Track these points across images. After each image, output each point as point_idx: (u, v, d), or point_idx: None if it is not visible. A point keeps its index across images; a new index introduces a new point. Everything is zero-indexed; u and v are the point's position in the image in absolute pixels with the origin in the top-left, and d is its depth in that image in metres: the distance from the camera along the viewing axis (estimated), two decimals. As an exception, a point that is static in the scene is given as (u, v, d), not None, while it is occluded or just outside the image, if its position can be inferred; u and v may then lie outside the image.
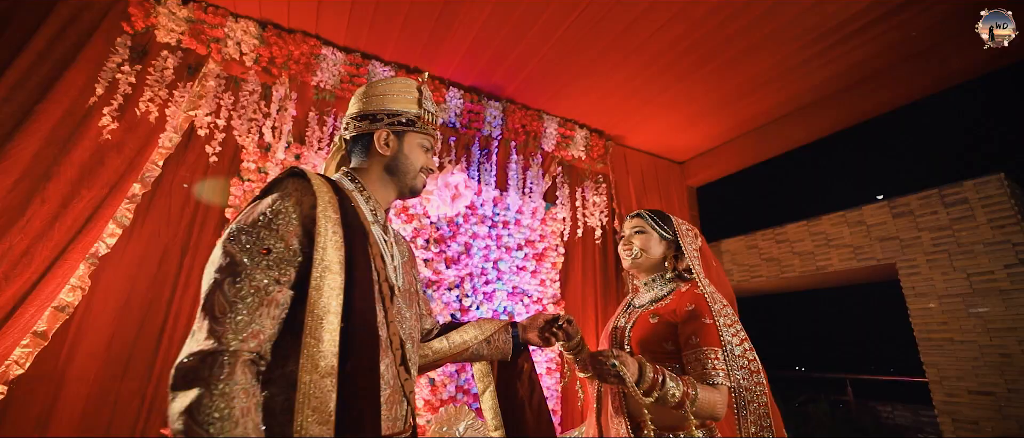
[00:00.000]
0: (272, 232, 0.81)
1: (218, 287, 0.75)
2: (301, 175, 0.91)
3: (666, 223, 1.44)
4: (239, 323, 0.73)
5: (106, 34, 2.30)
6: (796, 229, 4.29)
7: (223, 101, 2.50)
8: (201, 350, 0.70)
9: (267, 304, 0.77)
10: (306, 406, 0.74)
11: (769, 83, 3.23)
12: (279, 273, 0.80)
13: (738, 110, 3.58)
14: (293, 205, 0.85)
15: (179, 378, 0.69)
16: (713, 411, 1.11)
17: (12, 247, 1.89)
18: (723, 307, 1.29)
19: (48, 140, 2.07)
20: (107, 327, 2.12)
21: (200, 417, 0.65)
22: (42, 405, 1.95)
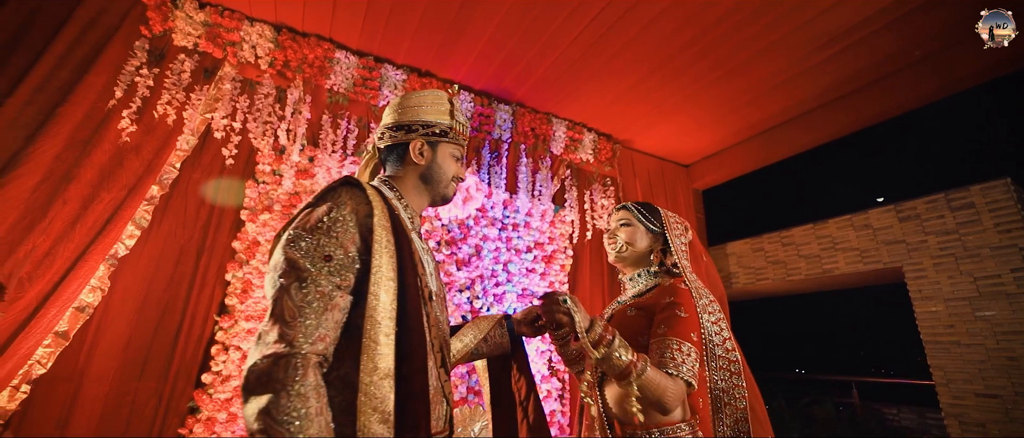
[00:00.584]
0: (332, 239, 0.84)
1: (285, 292, 0.79)
2: (356, 185, 0.94)
3: (654, 216, 1.37)
4: (308, 327, 0.76)
5: (125, 38, 2.32)
6: (802, 232, 4.31)
7: (239, 104, 2.53)
8: (274, 353, 0.73)
9: (331, 309, 0.80)
10: (367, 406, 0.78)
11: (775, 88, 3.25)
12: (340, 279, 0.83)
13: (744, 115, 3.61)
14: (350, 213, 0.88)
15: (254, 380, 0.72)
16: (660, 396, 1.03)
17: (35, 248, 1.92)
18: (709, 303, 1.24)
19: (69, 142, 2.10)
20: (125, 327, 2.15)
21: (280, 417, 0.68)
22: (62, 404, 1.97)
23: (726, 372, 1.19)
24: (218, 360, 2.25)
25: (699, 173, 4.42)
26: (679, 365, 1.08)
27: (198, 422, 2.16)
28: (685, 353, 1.10)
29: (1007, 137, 5.02)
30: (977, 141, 4.46)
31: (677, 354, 1.10)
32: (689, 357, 1.10)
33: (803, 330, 5.39)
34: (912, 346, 3.87)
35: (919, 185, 3.80)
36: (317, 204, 0.90)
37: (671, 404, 1.04)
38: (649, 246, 1.34)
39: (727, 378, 1.19)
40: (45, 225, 1.96)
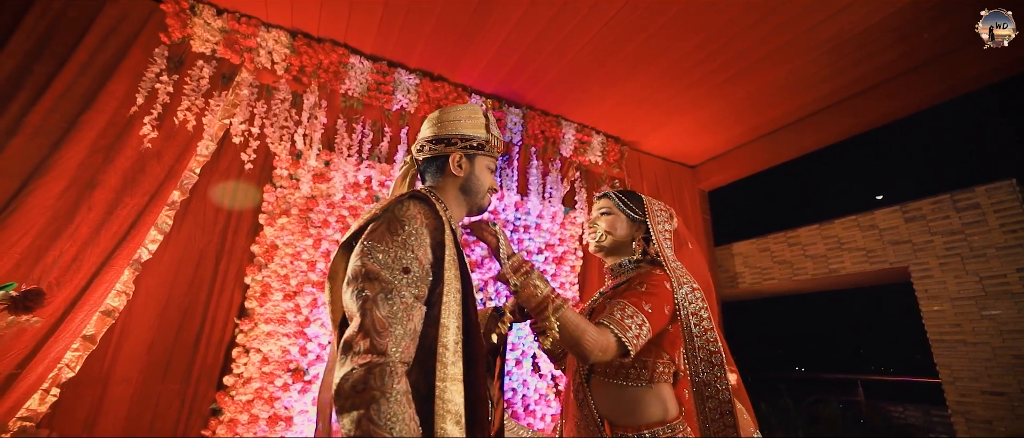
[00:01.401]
0: (408, 252, 0.89)
1: (372, 302, 0.83)
2: (424, 199, 0.99)
3: (636, 203, 1.33)
4: (397, 337, 0.81)
5: (145, 45, 2.35)
6: (808, 232, 4.35)
7: (256, 109, 2.56)
8: (368, 362, 0.78)
9: (411, 319, 0.85)
10: (443, 410, 0.83)
11: (781, 91, 3.29)
12: (417, 290, 0.88)
13: (750, 117, 3.64)
14: (421, 226, 0.93)
15: (349, 388, 0.76)
16: (579, 337, 1.01)
17: (62, 254, 1.95)
18: (691, 292, 1.19)
19: (92, 149, 2.13)
20: (148, 331, 2.18)
21: (381, 421, 0.73)
22: (89, 406, 2.00)
23: (707, 363, 1.15)
24: (239, 362, 2.28)
25: (705, 174, 4.45)
26: (615, 319, 1.07)
27: (221, 424, 2.19)
28: (628, 314, 1.09)
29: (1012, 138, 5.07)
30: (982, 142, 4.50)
31: (618, 312, 1.09)
32: (631, 319, 1.08)
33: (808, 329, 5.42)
34: (916, 345, 3.92)
35: (924, 186, 3.83)
36: (387, 218, 0.93)
37: (590, 350, 1.01)
38: (630, 234, 1.31)
39: (709, 370, 1.14)
40: (71, 231, 2.00)
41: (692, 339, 1.15)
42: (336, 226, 2.63)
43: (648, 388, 1.16)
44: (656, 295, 1.15)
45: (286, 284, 2.45)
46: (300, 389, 2.35)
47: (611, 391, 1.18)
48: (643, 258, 1.30)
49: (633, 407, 1.15)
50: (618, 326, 1.06)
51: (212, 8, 2.50)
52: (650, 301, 1.13)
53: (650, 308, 1.12)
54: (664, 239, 1.27)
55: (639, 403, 1.15)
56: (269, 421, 2.27)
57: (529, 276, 1.03)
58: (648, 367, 1.17)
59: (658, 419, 1.14)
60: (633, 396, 1.16)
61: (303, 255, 2.52)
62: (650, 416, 1.13)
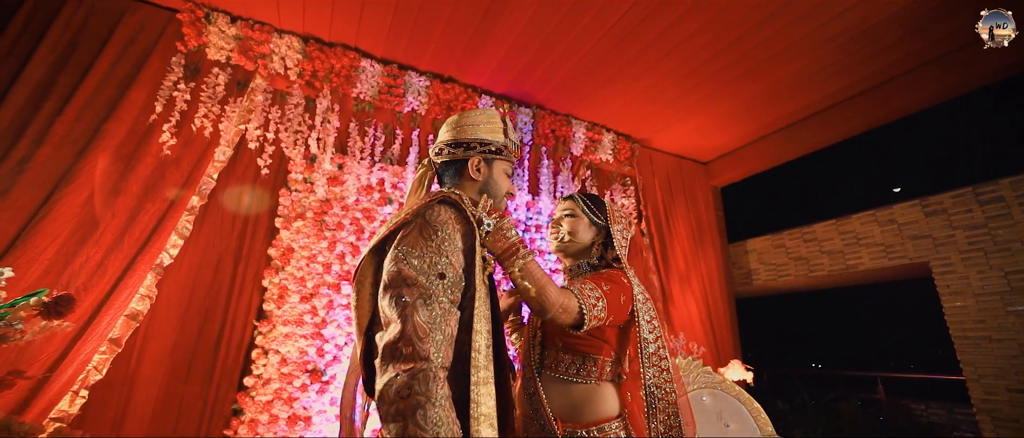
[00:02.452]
0: (443, 257, 0.90)
1: (413, 308, 0.84)
2: (454, 204, 1.00)
3: (599, 208, 1.36)
4: (437, 341, 0.83)
5: (162, 54, 2.41)
6: (824, 228, 4.28)
7: (271, 115, 2.60)
8: (412, 368, 0.79)
9: (449, 324, 0.87)
10: (478, 412, 0.85)
11: (792, 88, 3.24)
12: (454, 295, 0.89)
13: (762, 113, 3.59)
14: (454, 232, 0.94)
15: (394, 395, 0.78)
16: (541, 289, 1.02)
17: (89, 259, 2.01)
18: (646, 301, 1.26)
19: (115, 157, 2.18)
20: (171, 333, 2.23)
21: (427, 425, 0.75)
22: (117, 408, 2.06)
23: (657, 369, 1.21)
24: (258, 364, 2.32)
25: (717, 170, 4.40)
26: (577, 287, 1.12)
27: (242, 424, 2.24)
28: (589, 288, 1.13)
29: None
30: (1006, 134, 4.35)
31: (584, 287, 1.13)
32: (591, 292, 1.12)
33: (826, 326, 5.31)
34: (937, 341, 3.83)
35: (945, 179, 3.72)
36: (422, 222, 0.94)
37: (551, 303, 1.03)
38: (591, 239, 1.34)
39: (659, 374, 1.21)
40: (97, 237, 2.06)
41: (647, 345, 1.20)
42: (350, 228, 2.66)
43: (596, 386, 1.20)
44: (614, 283, 1.19)
45: (303, 286, 2.49)
46: (318, 389, 2.39)
47: (561, 387, 1.21)
48: (600, 262, 1.33)
49: (583, 404, 1.18)
50: (580, 293, 1.10)
51: (226, 16, 2.54)
52: (608, 285, 1.17)
53: (608, 290, 1.16)
54: (623, 245, 1.31)
55: (589, 400, 1.19)
56: (289, 421, 2.31)
57: (502, 220, 1.05)
58: (598, 365, 1.21)
59: (604, 416, 1.18)
60: (582, 393, 1.19)
61: (319, 258, 2.56)
62: (599, 413, 1.17)
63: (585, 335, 1.18)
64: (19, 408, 1.80)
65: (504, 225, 1.03)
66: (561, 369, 1.22)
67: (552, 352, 1.25)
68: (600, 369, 1.21)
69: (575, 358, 1.21)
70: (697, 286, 3.90)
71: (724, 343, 3.84)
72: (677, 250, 3.93)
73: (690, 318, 3.76)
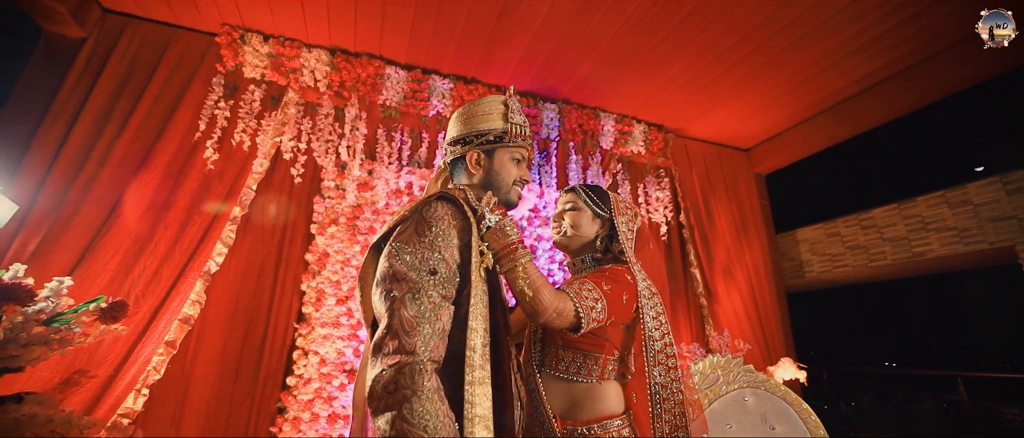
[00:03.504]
0: (436, 253, 0.89)
1: (401, 303, 0.84)
2: (452, 200, 0.98)
3: (602, 200, 1.31)
4: (425, 335, 0.82)
5: (204, 76, 2.58)
6: (885, 213, 3.91)
7: (303, 126, 2.72)
8: (398, 362, 0.79)
9: (440, 319, 0.86)
10: (471, 413, 0.83)
11: (839, 62, 2.98)
12: (445, 291, 0.88)
13: (804, 93, 3.34)
14: (449, 227, 0.93)
15: (381, 389, 0.77)
16: (536, 291, 0.98)
17: (145, 269, 2.19)
18: (652, 296, 1.21)
19: (165, 173, 2.37)
20: (220, 336, 2.38)
21: (414, 419, 0.74)
22: (175, 405, 2.22)
23: (664, 367, 1.18)
24: (299, 364, 2.43)
25: (760, 157, 4.15)
26: (574, 289, 1.08)
27: (286, 421, 2.35)
28: (587, 289, 1.09)
29: None
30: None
31: (577, 285, 1.10)
32: (589, 293, 1.08)
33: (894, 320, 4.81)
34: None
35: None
36: (415, 219, 0.94)
37: (544, 308, 0.99)
38: (595, 232, 1.29)
39: (665, 373, 1.17)
40: (152, 248, 2.23)
41: (652, 342, 1.17)
42: (381, 232, 2.74)
43: (597, 384, 1.16)
44: (618, 282, 1.15)
45: (338, 289, 2.59)
46: (355, 389, 2.47)
47: (561, 386, 1.18)
48: (604, 256, 1.29)
49: (582, 402, 1.15)
50: (576, 295, 1.06)
51: (259, 35, 2.69)
52: (609, 284, 1.13)
53: (608, 289, 1.12)
54: (628, 238, 1.27)
55: (588, 398, 1.15)
56: (329, 419, 2.40)
57: (504, 218, 1.02)
58: (599, 363, 1.17)
59: (605, 414, 1.14)
60: (582, 392, 1.16)
61: (352, 261, 2.64)
62: (599, 411, 1.14)
63: (586, 333, 1.13)
64: (91, 405, 1.98)
65: (505, 223, 1.00)
66: (561, 367, 1.19)
67: (552, 350, 1.21)
68: (602, 367, 1.17)
69: (575, 356, 1.18)
70: (742, 280, 3.69)
71: (774, 340, 3.61)
72: (719, 243, 3.74)
73: (735, 314, 3.56)
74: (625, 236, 1.26)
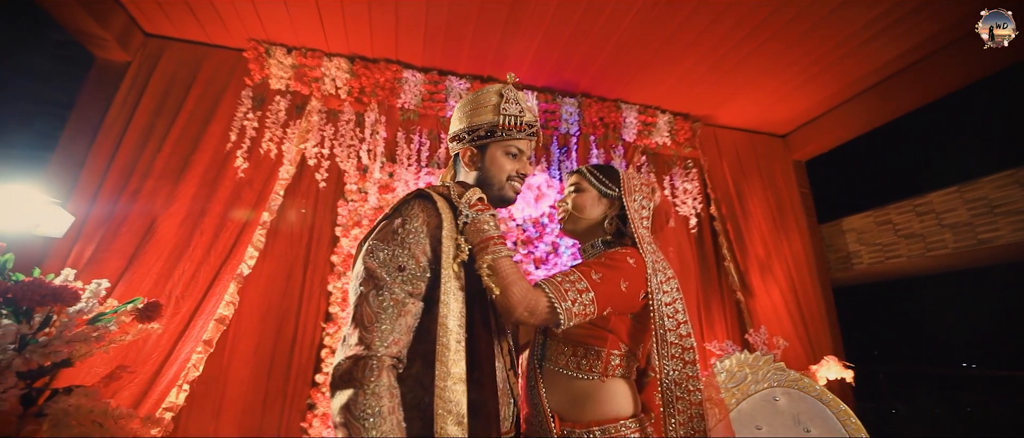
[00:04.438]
0: (405, 250, 0.90)
1: (364, 299, 0.86)
2: (427, 197, 0.99)
3: (610, 178, 1.21)
4: (383, 331, 0.83)
5: (234, 89, 2.73)
6: (943, 197, 3.56)
7: (325, 132, 2.82)
8: (354, 355, 0.81)
9: (404, 315, 0.87)
10: (443, 409, 0.83)
11: (882, 33, 2.74)
12: (412, 287, 0.89)
13: (845, 70, 3.10)
14: (421, 225, 0.94)
15: (337, 378, 0.81)
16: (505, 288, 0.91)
17: (184, 272, 2.34)
18: (667, 280, 1.09)
19: (201, 182, 2.52)
20: (253, 336, 2.51)
21: (356, 412, 0.76)
22: (215, 401, 2.36)
23: (679, 361, 1.05)
24: (327, 362, 2.52)
25: (799, 142, 3.90)
26: (553, 282, 0.98)
27: (315, 417, 2.44)
28: (571, 281, 0.99)
29: None
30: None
31: (560, 277, 1.00)
32: (572, 285, 0.98)
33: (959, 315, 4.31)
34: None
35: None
36: (393, 217, 0.96)
37: (514, 305, 0.92)
38: (603, 213, 1.20)
39: (680, 368, 1.04)
40: (190, 252, 2.39)
41: (665, 333, 1.05)
42: (402, 233, 2.79)
43: (600, 382, 1.06)
44: (614, 268, 1.04)
45: (362, 289, 2.66)
46: (379, 386, 2.53)
47: (561, 382, 1.08)
48: (615, 239, 1.18)
49: (583, 401, 1.05)
50: (554, 289, 0.97)
51: (283, 48, 2.82)
52: (602, 271, 1.03)
53: (599, 277, 1.01)
54: (640, 217, 1.16)
55: (590, 398, 1.05)
56: (355, 415, 2.47)
57: (481, 214, 0.99)
58: (601, 358, 1.06)
59: (610, 416, 1.04)
60: (584, 389, 1.06)
61: (374, 262, 2.71)
62: (601, 412, 1.04)
63: (585, 324, 1.05)
64: (140, 399, 2.14)
65: (480, 219, 0.97)
66: (561, 362, 1.09)
67: (553, 343, 1.12)
68: (605, 363, 1.06)
69: (576, 350, 1.08)
70: (781, 273, 3.49)
71: (819, 337, 3.38)
72: (754, 235, 3.56)
73: (774, 309, 3.37)
74: (636, 214, 1.15)
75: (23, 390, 1.36)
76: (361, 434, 0.75)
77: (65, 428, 1.32)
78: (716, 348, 2.93)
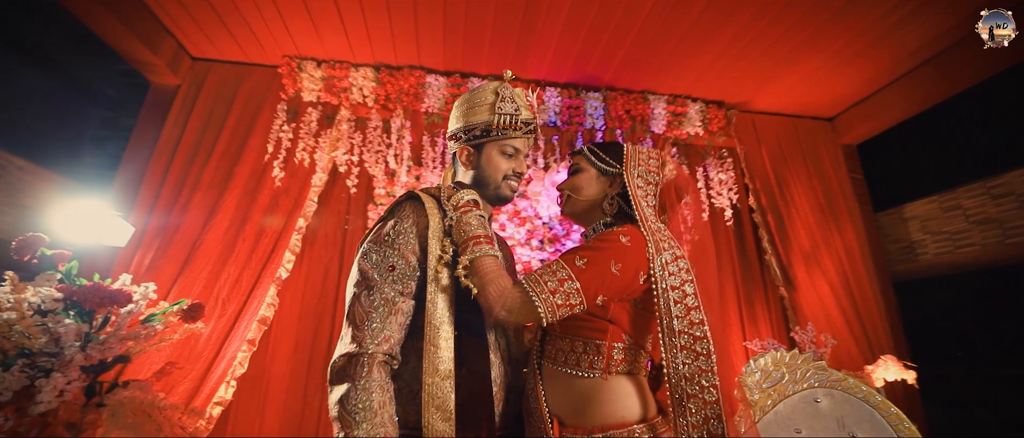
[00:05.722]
0: (395, 251, 0.94)
1: (356, 299, 0.91)
2: (416, 198, 1.03)
3: (612, 155, 1.11)
4: (374, 329, 0.87)
5: (271, 104, 2.91)
6: (1023, 176, 3.18)
7: (355, 140, 2.94)
8: (347, 352, 0.86)
9: (394, 313, 0.90)
10: (431, 405, 0.86)
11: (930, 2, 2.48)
12: (402, 286, 0.92)
13: (898, 43, 2.83)
14: (411, 226, 0.97)
15: (333, 375, 0.86)
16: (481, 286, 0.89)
17: (229, 276, 2.51)
18: (675, 260, 0.96)
19: (242, 192, 2.70)
20: (292, 336, 2.65)
21: (349, 407, 0.80)
22: (259, 396, 2.52)
23: (690, 353, 0.91)
24: (360, 360, 2.62)
25: (848, 125, 3.62)
26: (533, 275, 0.92)
27: (350, 413, 2.54)
28: (552, 271, 0.92)
29: None
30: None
31: (545, 272, 0.92)
32: (553, 275, 0.91)
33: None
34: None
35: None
36: (385, 219, 1.00)
37: (491, 303, 0.89)
38: (603, 191, 1.11)
39: (691, 361, 0.91)
40: (234, 257, 2.56)
41: (671, 320, 0.92)
42: (428, 234, 2.85)
43: (603, 380, 0.95)
44: (603, 249, 0.94)
45: (392, 290, 2.74)
46: (410, 384, 2.60)
47: (561, 381, 0.98)
48: (616, 221, 1.08)
49: (585, 403, 0.94)
50: (533, 282, 0.90)
51: (313, 62, 2.97)
52: (589, 255, 0.94)
53: (585, 263, 0.92)
54: (643, 191, 1.06)
55: (592, 399, 0.94)
56: (387, 412, 2.55)
57: (466, 214, 0.97)
58: (602, 353, 0.95)
59: (615, 420, 0.91)
60: (585, 389, 0.95)
61: (403, 263, 2.79)
62: (605, 415, 0.92)
63: (583, 315, 0.95)
64: (192, 394, 2.32)
65: (464, 219, 0.97)
66: (560, 359, 0.99)
67: (551, 338, 1.03)
68: (606, 358, 0.95)
69: (574, 344, 0.98)
70: (830, 267, 3.25)
71: (876, 335, 3.11)
72: (798, 226, 3.34)
73: (823, 305, 3.15)
74: (638, 189, 1.05)
75: (86, 382, 1.52)
76: (352, 427, 0.78)
77: (120, 417, 1.46)
78: (757, 346, 2.77)
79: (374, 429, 0.78)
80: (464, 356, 0.91)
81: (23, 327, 1.41)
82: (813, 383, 1.78)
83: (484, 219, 1.00)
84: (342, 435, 0.79)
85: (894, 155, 3.99)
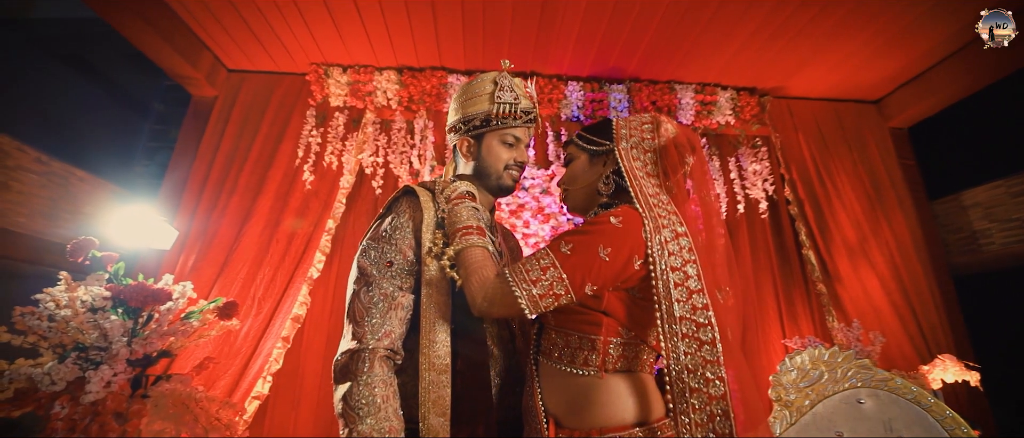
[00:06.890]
0: (392, 246, 0.95)
1: (356, 296, 0.93)
2: (412, 193, 1.04)
3: (600, 133, 1.03)
4: (374, 325, 0.88)
5: (300, 110, 3.02)
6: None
7: (380, 142, 3.00)
8: (349, 349, 0.87)
9: (394, 308, 0.91)
10: (427, 399, 0.86)
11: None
12: (401, 281, 0.93)
13: (952, 15, 2.60)
14: (407, 220, 0.98)
15: (336, 371, 0.87)
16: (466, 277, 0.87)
17: (264, 277, 2.63)
18: (674, 239, 0.86)
19: (275, 196, 2.81)
20: (324, 333, 2.73)
21: (352, 402, 0.81)
22: (294, 392, 2.61)
23: (692, 341, 0.80)
24: (389, 357, 2.67)
25: (896, 107, 3.37)
26: (515, 266, 0.86)
27: (380, 408, 2.59)
28: (536, 260, 0.85)
29: None
30: None
31: (529, 261, 0.86)
32: (535, 264, 0.84)
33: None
34: None
35: None
36: (383, 215, 1.01)
37: (473, 295, 0.87)
38: (597, 175, 1.02)
39: (694, 350, 0.80)
40: (268, 258, 2.67)
41: (671, 304, 0.82)
42: (452, 232, 2.88)
43: (599, 378, 0.87)
44: (591, 233, 0.85)
45: (418, 288, 2.79)
46: (437, 381, 2.63)
47: (557, 379, 0.91)
48: (613, 201, 1.00)
49: (582, 403, 0.87)
50: (514, 272, 0.85)
51: (339, 67, 3.06)
52: (575, 240, 0.85)
53: (570, 249, 0.84)
54: (639, 162, 0.97)
55: (588, 398, 0.87)
56: (415, 408, 2.59)
57: (458, 205, 0.96)
58: (597, 349, 0.87)
59: (615, 422, 0.84)
60: (581, 388, 0.88)
61: (428, 261, 2.83)
62: (603, 417, 0.84)
63: (576, 307, 0.88)
64: (232, 388, 2.44)
65: (455, 210, 0.96)
66: (555, 355, 0.93)
67: (547, 332, 0.96)
68: (602, 354, 0.87)
69: (569, 339, 0.91)
70: (880, 259, 3.03)
71: (934, 332, 2.88)
72: (841, 216, 3.14)
73: (871, 301, 2.94)
74: (633, 160, 0.96)
75: (133, 375, 1.62)
76: (357, 423, 0.79)
77: (162, 408, 1.56)
78: (796, 344, 2.62)
79: (379, 424, 0.79)
80: (461, 350, 0.91)
81: (77, 323, 1.52)
82: (856, 383, 1.67)
83: (477, 210, 0.99)
84: (347, 432, 0.80)
85: (950, 138, 3.67)
